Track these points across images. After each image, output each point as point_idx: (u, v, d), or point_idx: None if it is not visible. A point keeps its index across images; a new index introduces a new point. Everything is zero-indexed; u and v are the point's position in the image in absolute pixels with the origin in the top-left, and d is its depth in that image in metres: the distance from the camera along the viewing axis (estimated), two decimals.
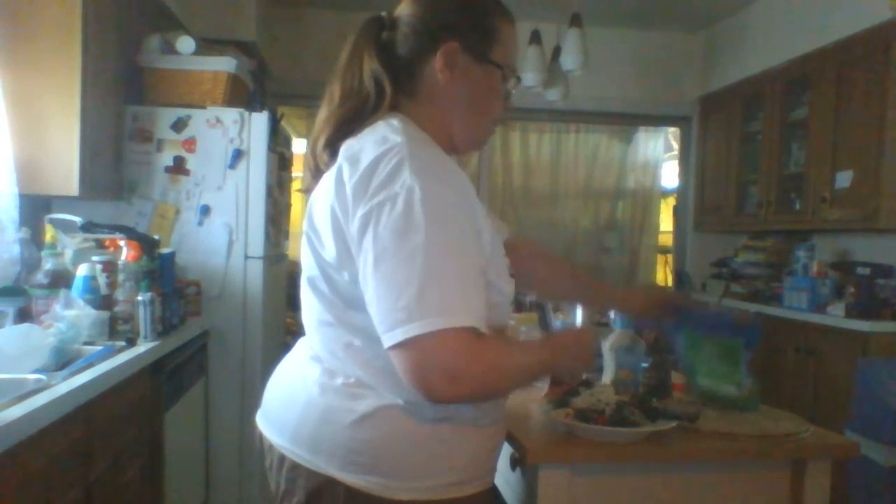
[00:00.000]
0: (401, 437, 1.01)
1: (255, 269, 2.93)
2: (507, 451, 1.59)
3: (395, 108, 1.10)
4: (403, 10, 1.13)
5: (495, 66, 1.11)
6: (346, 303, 1.04)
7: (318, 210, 1.06)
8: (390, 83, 1.08)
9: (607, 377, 1.69)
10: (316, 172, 1.12)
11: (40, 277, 2.10)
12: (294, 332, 3.76)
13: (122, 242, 2.42)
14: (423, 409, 1.00)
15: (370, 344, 1.01)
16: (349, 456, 1.00)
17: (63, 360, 1.77)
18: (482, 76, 1.11)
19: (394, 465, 1.00)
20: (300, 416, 1.05)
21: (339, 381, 1.04)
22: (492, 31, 1.11)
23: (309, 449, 1.03)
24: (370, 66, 1.09)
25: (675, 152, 5.41)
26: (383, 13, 1.16)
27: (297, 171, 3.88)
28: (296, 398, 1.08)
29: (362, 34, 1.12)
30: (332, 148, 1.09)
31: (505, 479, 1.69)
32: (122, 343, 2.05)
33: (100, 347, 1.93)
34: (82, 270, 2.12)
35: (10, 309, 1.95)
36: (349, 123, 1.08)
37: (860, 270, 3.42)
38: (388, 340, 0.93)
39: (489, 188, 5.08)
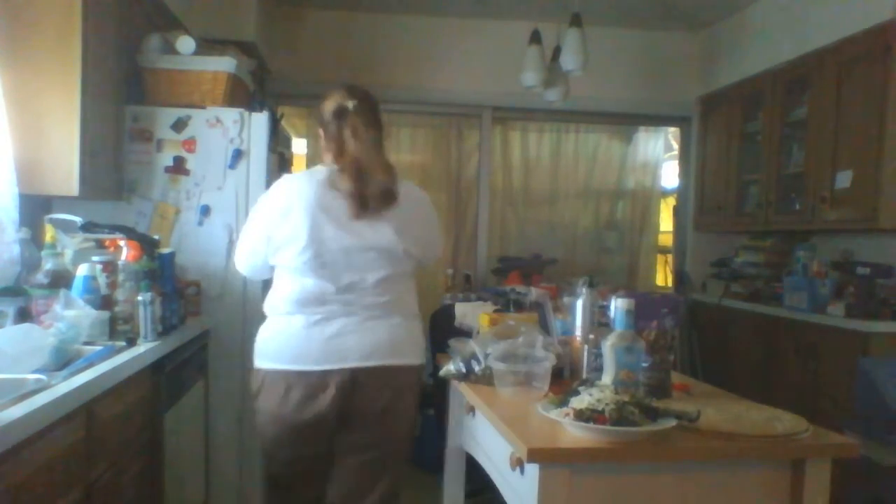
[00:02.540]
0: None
1: None
2: (507, 450, 1.59)
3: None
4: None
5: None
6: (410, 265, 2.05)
7: (412, 231, 2.01)
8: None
9: (607, 377, 1.69)
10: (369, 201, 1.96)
11: (40, 277, 2.10)
12: None
13: (122, 242, 2.42)
14: None
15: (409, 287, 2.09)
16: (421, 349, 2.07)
17: (63, 360, 1.77)
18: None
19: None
20: (416, 342, 2.04)
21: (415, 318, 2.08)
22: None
23: (420, 356, 2.05)
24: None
25: (675, 152, 5.40)
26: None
27: (297, 171, 3.87)
28: (416, 336, 2.05)
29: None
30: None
31: (505, 478, 1.69)
32: (122, 343, 2.05)
33: (100, 347, 1.93)
34: (82, 270, 2.13)
35: (10, 309, 1.96)
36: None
37: (860, 270, 3.42)
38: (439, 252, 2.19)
39: (489, 188, 5.07)
